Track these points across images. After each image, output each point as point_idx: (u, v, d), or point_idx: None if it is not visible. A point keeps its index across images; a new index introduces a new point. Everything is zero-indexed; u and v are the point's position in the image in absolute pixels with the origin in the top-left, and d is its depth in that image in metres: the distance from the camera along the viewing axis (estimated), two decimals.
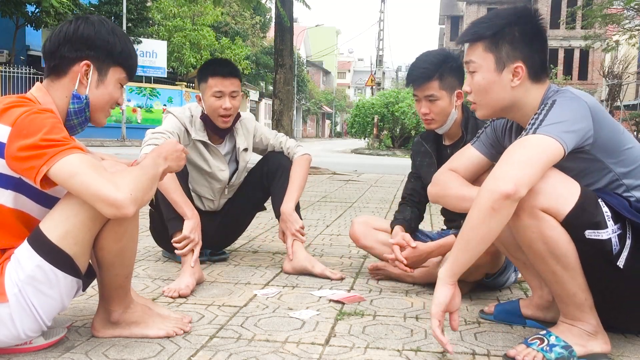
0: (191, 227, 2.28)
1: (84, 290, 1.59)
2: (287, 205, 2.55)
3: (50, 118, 1.45)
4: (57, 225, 1.44)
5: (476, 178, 1.85)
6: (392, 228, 2.35)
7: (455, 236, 2.15)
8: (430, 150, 2.37)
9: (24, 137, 1.40)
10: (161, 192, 2.36)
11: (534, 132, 1.47)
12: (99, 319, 1.65)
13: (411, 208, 2.42)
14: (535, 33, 1.63)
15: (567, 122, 1.47)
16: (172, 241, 2.30)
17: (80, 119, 1.60)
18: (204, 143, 2.57)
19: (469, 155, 1.86)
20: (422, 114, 2.26)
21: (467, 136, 2.25)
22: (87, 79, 1.59)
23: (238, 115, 2.63)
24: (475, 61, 1.65)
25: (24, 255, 1.44)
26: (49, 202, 1.52)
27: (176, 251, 2.28)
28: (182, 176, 2.46)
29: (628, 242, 1.50)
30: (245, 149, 2.70)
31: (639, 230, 1.51)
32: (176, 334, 1.67)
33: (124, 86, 1.71)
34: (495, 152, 1.82)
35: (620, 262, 1.49)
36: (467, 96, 1.71)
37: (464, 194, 1.75)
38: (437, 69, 2.19)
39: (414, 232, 2.41)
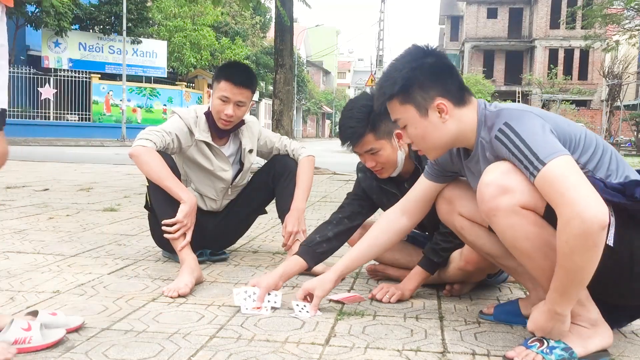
0: (186, 211, 2.28)
1: None
2: (299, 205, 2.57)
3: None
4: None
5: (431, 203, 1.92)
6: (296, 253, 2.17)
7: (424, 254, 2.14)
8: (388, 188, 2.26)
9: None
10: (154, 195, 2.36)
11: (543, 164, 1.41)
12: None
13: (335, 230, 2.22)
14: (438, 67, 1.62)
15: (546, 135, 1.46)
16: (162, 223, 2.29)
17: None
18: (207, 144, 2.58)
19: (422, 186, 1.91)
20: (369, 167, 2.18)
21: (422, 164, 2.15)
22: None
23: (242, 122, 2.63)
24: (399, 117, 1.66)
25: None
26: None
27: (166, 235, 2.27)
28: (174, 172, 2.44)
29: (612, 219, 1.49)
30: (251, 150, 2.70)
31: (619, 207, 1.50)
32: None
33: None
34: (445, 177, 1.86)
35: (610, 240, 1.48)
36: (412, 145, 1.71)
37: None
38: (366, 123, 2.07)
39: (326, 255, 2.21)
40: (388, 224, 1.98)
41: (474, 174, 1.69)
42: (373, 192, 2.31)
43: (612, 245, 1.47)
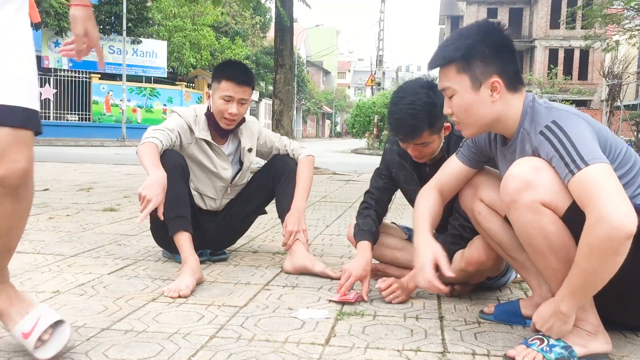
0: (146, 184, 2.16)
1: None
2: (300, 204, 2.58)
3: None
4: None
5: (460, 187, 1.89)
6: (357, 240, 2.27)
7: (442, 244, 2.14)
8: (411, 169, 2.29)
9: None
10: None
11: (586, 164, 1.41)
12: None
13: (375, 212, 2.34)
14: (503, 45, 1.61)
15: (593, 142, 1.46)
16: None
17: None
18: (207, 142, 2.58)
19: (455, 168, 1.88)
20: (411, 154, 2.18)
21: (448, 155, 2.15)
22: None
23: (243, 120, 2.64)
24: (450, 86, 1.63)
25: None
26: None
27: (140, 216, 2.13)
28: (184, 177, 2.45)
29: None
30: (250, 149, 2.71)
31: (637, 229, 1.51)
32: None
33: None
34: (478, 162, 1.85)
35: None
36: (450, 117, 1.69)
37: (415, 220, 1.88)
38: (426, 122, 2.04)
39: (377, 235, 2.33)
40: (435, 202, 1.90)
41: (507, 162, 1.68)
42: (393, 166, 2.34)
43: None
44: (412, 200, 2.27)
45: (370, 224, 2.28)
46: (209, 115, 2.56)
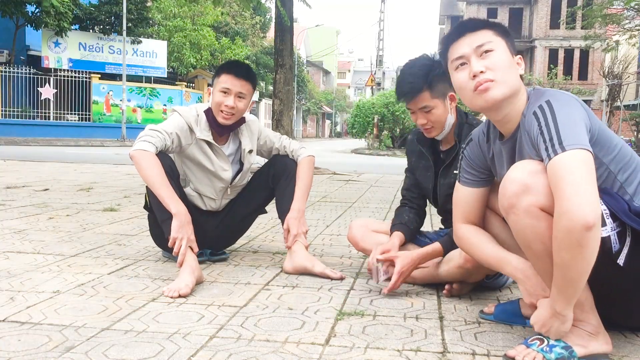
0: (177, 226, 2.25)
1: None
2: (300, 206, 2.58)
3: None
4: None
5: (486, 205, 1.85)
6: (392, 232, 2.37)
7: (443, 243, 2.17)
8: (427, 154, 2.36)
9: None
10: (153, 195, 2.35)
11: (563, 150, 1.39)
12: None
13: (409, 209, 2.43)
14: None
15: (579, 126, 1.44)
16: (168, 246, 2.30)
17: None
18: (208, 143, 2.58)
19: (467, 195, 1.84)
20: (420, 125, 2.26)
21: (460, 144, 2.21)
22: None
23: (243, 120, 2.64)
24: (491, 41, 1.61)
25: None
26: None
27: (174, 252, 2.28)
28: (173, 177, 2.43)
29: (628, 240, 1.50)
30: (250, 151, 2.70)
31: (638, 233, 1.51)
32: None
33: None
34: (482, 180, 1.82)
35: (621, 260, 1.49)
36: (483, 75, 1.59)
37: (488, 256, 1.79)
38: (425, 79, 2.15)
39: (414, 234, 2.41)
40: (473, 229, 1.85)
41: (503, 158, 1.69)
42: (414, 155, 2.44)
43: (622, 265, 1.47)
44: (430, 198, 2.42)
45: (404, 217, 2.41)
46: (208, 111, 2.56)
